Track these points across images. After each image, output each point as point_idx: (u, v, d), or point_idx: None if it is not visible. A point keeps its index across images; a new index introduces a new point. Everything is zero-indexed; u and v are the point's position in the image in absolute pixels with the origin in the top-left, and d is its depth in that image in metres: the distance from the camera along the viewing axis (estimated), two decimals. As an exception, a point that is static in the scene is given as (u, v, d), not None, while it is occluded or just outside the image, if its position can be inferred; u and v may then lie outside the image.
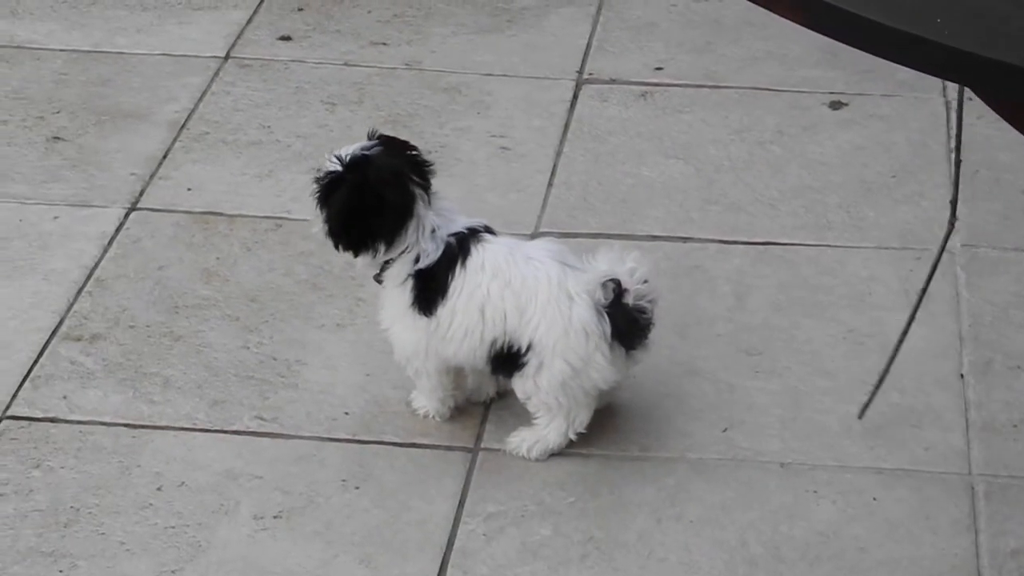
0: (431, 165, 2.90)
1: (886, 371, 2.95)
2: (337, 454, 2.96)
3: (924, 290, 2.88)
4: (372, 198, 2.81)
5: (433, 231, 2.85)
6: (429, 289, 2.85)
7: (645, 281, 2.82)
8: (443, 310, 2.86)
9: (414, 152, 2.89)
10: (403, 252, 2.86)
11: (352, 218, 2.83)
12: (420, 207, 2.83)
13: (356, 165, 2.82)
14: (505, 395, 3.06)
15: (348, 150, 2.84)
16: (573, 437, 2.94)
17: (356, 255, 2.88)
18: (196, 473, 2.92)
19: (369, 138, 2.88)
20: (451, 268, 2.84)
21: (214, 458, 2.95)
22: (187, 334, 3.24)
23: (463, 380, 3.02)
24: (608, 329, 2.82)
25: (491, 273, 2.84)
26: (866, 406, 2.98)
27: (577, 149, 3.79)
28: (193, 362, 3.16)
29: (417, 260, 2.85)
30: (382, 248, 2.85)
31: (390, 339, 2.95)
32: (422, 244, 2.84)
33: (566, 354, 2.82)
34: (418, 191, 2.83)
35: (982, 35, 1.74)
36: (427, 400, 3.01)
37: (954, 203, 2.81)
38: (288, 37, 4.20)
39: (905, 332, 2.91)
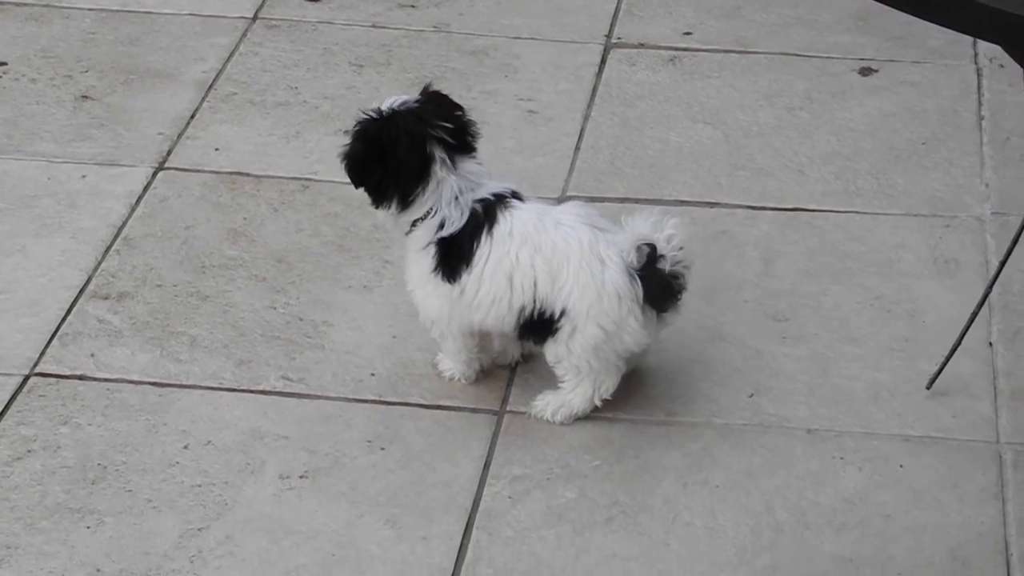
0: (473, 127, 2.88)
1: (960, 339, 2.94)
2: (363, 415, 2.97)
3: (1011, 249, 2.88)
4: (381, 154, 2.80)
5: (457, 196, 2.83)
6: (452, 256, 2.85)
7: (681, 248, 2.82)
8: (468, 278, 2.85)
9: (458, 113, 2.87)
10: (428, 215, 2.85)
11: (361, 170, 2.83)
12: (438, 170, 2.82)
13: (380, 119, 2.82)
14: (531, 358, 3.06)
15: (389, 101, 2.84)
16: (598, 403, 2.93)
17: (375, 206, 2.87)
18: (222, 432, 2.93)
19: (421, 93, 2.87)
20: (476, 236, 2.83)
21: (240, 417, 2.96)
22: (214, 294, 3.24)
23: (489, 343, 3.02)
24: (640, 292, 2.81)
25: (520, 240, 2.83)
26: (935, 377, 2.98)
27: (605, 113, 3.77)
28: (220, 322, 3.17)
29: (441, 227, 2.84)
30: (395, 205, 2.84)
31: (414, 302, 2.95)
32: (446, 210, 2.83)
33: (599, 318, 2.81)
34: (438, 154, 2.82)
35: (1024, -3, 1.72)
36: (452, 362, 3.01)
37: None
38: (316, -2, 4.19)
39: (986, 294, 2.92)
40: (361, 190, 2.87)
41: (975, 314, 2.93)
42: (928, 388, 2.99)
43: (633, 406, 2.98)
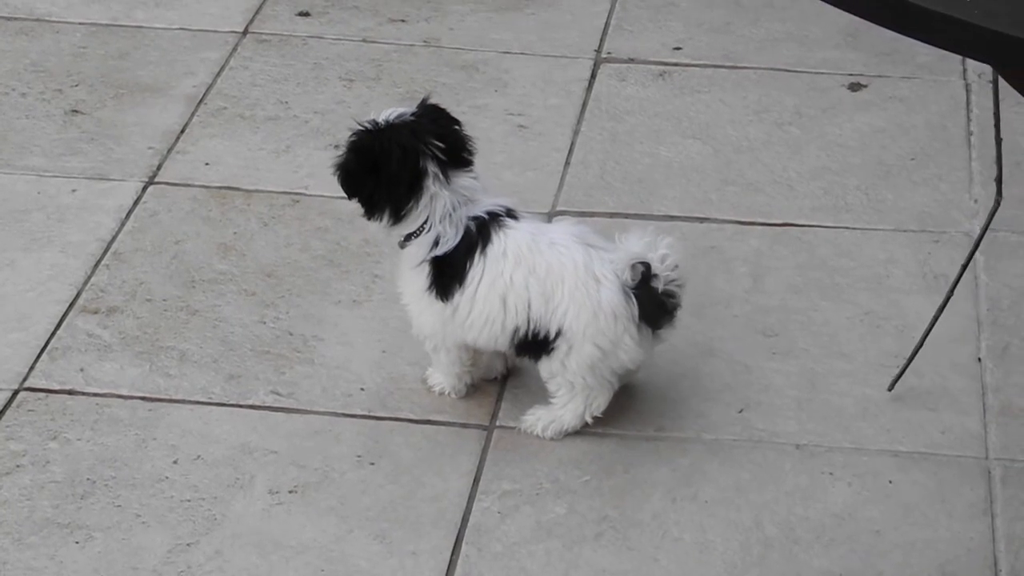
0: (469, 141, 2.88)
1: (920, 344, 2.95)
2: (352, 430, 2.97)
3: (965, 266, 2.91)
4: (373, 166, 2.81)
5: (451, 212, 2.83)
6: (446, 275, 2.85)
7: (676, 267, 2.82)
8: (461, 298, 2.85)
9: (455, 127, 2.87)
10: (422, 231, 2.84)
11: (353, 181, 2.83)
12: (431, 184, 2.82)
13: (374, 131, 2.82)
14: (519, 372, 3.06)
15: (386, 113, 2.84)
16: (589, 420, 2.93)
17: (368, 218, 2.87)
18: (212, 447, 2.93)
19: (419, 105, 2.87)
20: (470, 255, 2.83)
21: (230, 432, 2.96)
22: (204, 308, 3.24)
23: (479, 357, 3.02)
24: (636, 311, 2.81)
25: (513, 261, 2.83)
26: (896, 379, 2.99)
27: (594, 128, 3.78)
28: (209, 336, 3.17)
29: (436, 244, 2.84)
30: (387, 218, 2.84)
31: (407, 315, 2.95)
32: (440, 226, 2.82)
33: (596, 338, 2.82)
34: (431, 168, 2.82)
35: (1011, 15, 1.73)
36: (444, 376, 3.01)
37: (999, 180, 2.81)
38: (307, 13, 4.19)
39: (943, 305, 2.93)
40: (354, 202, 2.87)
41: (937, 314, 2.93)
42: (889, 390, 2.99)
43: (623, 421, 2.98)
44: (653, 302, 2.82)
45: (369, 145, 2.81)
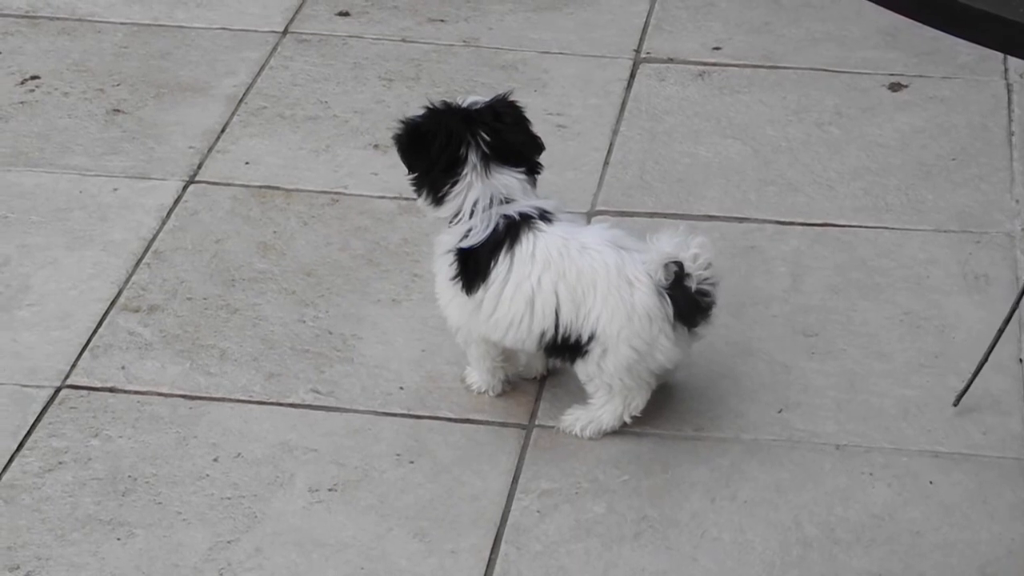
0: (528, 142, 2.89)
1: (986, 356, 2.93)
2: (392, 428, 2.98)
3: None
4: (420, 144, 2.85)
5: (486, 207, 2.84)
6: (469, 269, 2.86)
7: (708, 266, 2.81)
8: (486, 295, 2.85)
9: (518, 125, 2.88)
10: (456, 220, 2.85)
11: (403, 153, 2.88)
12: (469, 173, 2.84)
13: (433, 111, 2.86)
14: (558, 372, 3.06)
15: (463, 99, 2.88)
16: (628, 420, 2.93)
17: (416, 193, 2.90)
18: (252, 445, 2.94)
19: (494, 96, 2.90)
20: (495, 253, 2.84)
21: (269, 430, 2.97)
22: (244, 307, 3.25)
23: (515, 355, 3.02)
24: (671, 311, 2.81)
25: (542, 264, 2.83)
26: (962, 394, 2.96)
27: (634, 128, 3.78)
28: (249, 335, 3.18)
29: (466, 236, 2.85)
30: (426, 196, 2.87)
31: (439, 306, 2.96)
32: (471, 219, 2.84)
33: (631, 340, 2.82)
34: (473, 158, 2.83)
35: (1056, 14, 1.72)
36: (477, 372, 3.01)
37: None
38: (346, 13, 4.20)
39: (1010, 316, 2.90)
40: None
41: (1001, 330, 2.92)
42: (955, 405, 2.98)
43: (661, 421, 2.98)
44: (688, 301, 2.81)
45: (421, 123, 2.86)
